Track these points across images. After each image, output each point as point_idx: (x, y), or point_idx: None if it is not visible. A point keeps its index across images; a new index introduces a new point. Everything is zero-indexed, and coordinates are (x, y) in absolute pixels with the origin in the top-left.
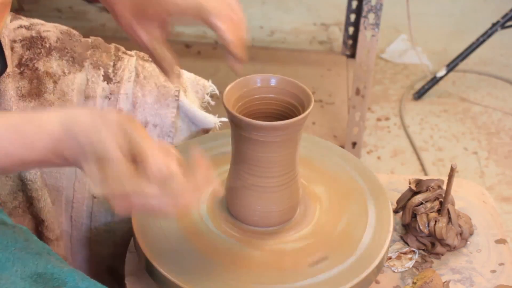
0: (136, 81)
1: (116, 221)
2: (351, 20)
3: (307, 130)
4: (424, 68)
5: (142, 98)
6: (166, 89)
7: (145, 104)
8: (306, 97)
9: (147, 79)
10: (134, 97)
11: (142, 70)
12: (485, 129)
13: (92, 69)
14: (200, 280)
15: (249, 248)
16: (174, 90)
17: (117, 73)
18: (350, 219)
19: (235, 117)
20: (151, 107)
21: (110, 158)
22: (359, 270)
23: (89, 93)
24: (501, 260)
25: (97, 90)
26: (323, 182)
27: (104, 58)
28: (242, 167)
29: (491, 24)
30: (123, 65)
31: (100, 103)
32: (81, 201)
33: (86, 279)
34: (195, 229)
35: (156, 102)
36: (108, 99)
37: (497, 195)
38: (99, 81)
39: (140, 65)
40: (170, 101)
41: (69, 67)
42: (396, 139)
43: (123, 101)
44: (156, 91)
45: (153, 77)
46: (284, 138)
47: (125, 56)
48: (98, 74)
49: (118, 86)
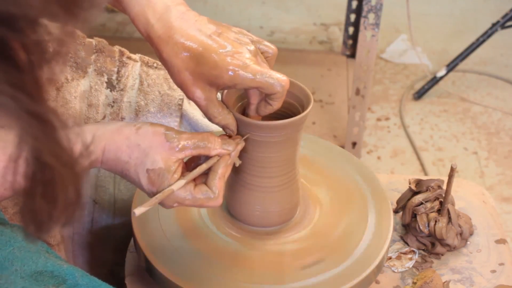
0: (139, 89)
1: (117, 226)
2: (351, 20)
3: (307, 130)
4: (424, 68)
5: (145, 107)
6: (170, 98)
7: (148, 113)
8: (306, 97)
9: (150, 87)
10: (137, 105)
11: (146, 77)
12: (485, 129)
13: (96, 75)
14: (199, 280)
15: (248, 248)
16: (177, 99)
17: (120, 80)
18: (350, 220)
19: (237, 116)
20: (154, 116)
21: None
22: (359, 270)
23: (91, 101)
24: (501, 260)
25: (100, 98)
26: (323, 182)
27: (108, 64)
28: (242, 167)
29: (491, 24)
30: (127, 72)
31: (103, 110)
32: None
33: (86, 276)
34: (195, 229)
35: (159, 111)
36: (111, 107)
37: (497, 195)
38: (102, 89)
39: (144, 72)
40: (173, 110)
41: (72, 73)
42: (396, 139)
43: (126, 109)
44: (159, 100)
45: (157, 85)
46: (284, 137)
47: (130, 62)
48: (102, 81)
49: (121, 94)
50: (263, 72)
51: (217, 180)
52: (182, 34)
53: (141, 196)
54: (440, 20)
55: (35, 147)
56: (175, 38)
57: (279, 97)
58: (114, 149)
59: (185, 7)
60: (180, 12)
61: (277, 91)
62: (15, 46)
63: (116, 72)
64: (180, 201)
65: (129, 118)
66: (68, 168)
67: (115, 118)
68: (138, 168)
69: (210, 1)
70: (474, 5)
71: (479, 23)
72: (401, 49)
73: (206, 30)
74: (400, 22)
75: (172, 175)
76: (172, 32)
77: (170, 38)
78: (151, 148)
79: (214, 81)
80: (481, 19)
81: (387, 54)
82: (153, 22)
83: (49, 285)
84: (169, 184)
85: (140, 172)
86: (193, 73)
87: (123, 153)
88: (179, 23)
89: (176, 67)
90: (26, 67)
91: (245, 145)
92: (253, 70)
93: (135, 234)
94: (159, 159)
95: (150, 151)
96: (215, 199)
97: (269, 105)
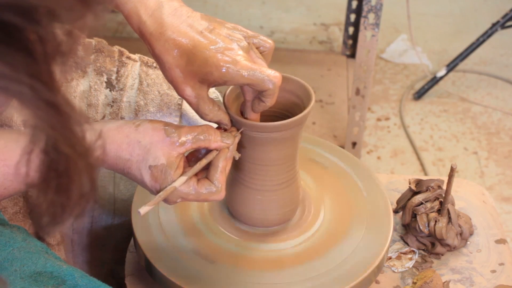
0: (139, 89)
1: (117, 225)
2: (351, 20)
3: (307, 130)
4: (424, 68)
5: (145, 107)
6: (169, 97)
7: (147, 113)
8: (307, 95)
9: (150, 87)
10: (136, 105)
11: (146, 77)
12: (485, 129)
13: (95, 75)
14: (199, 280)
15: (248, 248)
16: (177, 99)
17: (120, 80)
18: (350, 220)
19: (234, 117)
20: (153, 115)
21: None
22: (359, 270)
23: (91, 100)
24: (501, 260)
25: (100, 98)
26: (323, 182)
27: (108, 64)
28: (242, 166)
29: (491, 24)
30: (127, 72)
31: (102, 110)
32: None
33: (85, 276)
34: (195, 229)
35: (158, 110)
36: (111, 107)
37: (497, 195)
38: (101, 88)
39: (144, 72)
40: (172, 109)
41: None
42: (396, 139)
43: (126, 109)
44: (159, 99)
45: (156, 84)
46: (283, 136)
47: (129, 62)
48: (101, 80)
49: (121, 93)
50: (254, 69)
51: (219, 174)
52: (173, 30)
53: (141, 196)
54: (440, 20)
55: (51, 136)
56: (167, 34)
57: (270, 94)
58: (114, 148)
59: (178, 3)
60: (173, 8)
61: (268, 88)
62: (32, 37)
63: (116, 72)
64: (183, 196)
65: (128, 117)
66: (83, 158)
67: (115, 117)
68: (140, 165)
69: (210, 1)
70: (474, 5)
71: (479, 23)
72: (401, 49)
73: (197, 26)
74: (400, 22)
75: (174, 171)
76: (164, 29)
77: (162, 35)
78: (151, 144)
79: (204, 78)
80: (481, 19)
81: (387, 54)
82: (145, 18)
83: (48, 286)
84: (172, 180)
85: (142, 169)
86: (183, 70)
87: (124, 151)
88: (171, 19)
89: (167, 63)
90: (42, 58)
91: (245, 144)
92: (243, 67)
93: (135, 234)
94: (160, 155)
95: (151, 147)
96: (218, 192)
97: (262, 102)
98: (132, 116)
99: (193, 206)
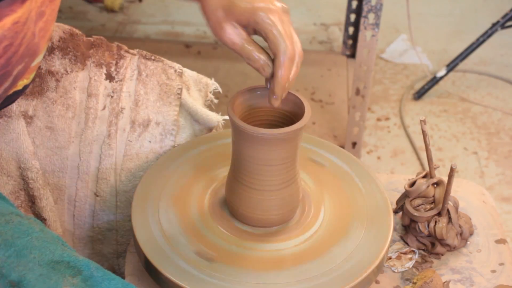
0: (138, 79)
1: (119, 220)
2: (351, 20)
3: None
4: (424, 68)
5: (145, 96)
6: (169, 87)
7: (147, 102)
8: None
9: (149, 77)
10: (136, 95)
11: (145, 68)
12: (485, 129)
13: (95, 67)
14: (199, 280)
15: (248, 248)
16: (176, 88)
17: (119, 71)
18: (350, 220)
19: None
20: (153, 104)
21: None
22: (359, 270)
23: (91, 91)
24: (501, 260)
25: (100, 88)
26: (323, 182)
27: (107, 57)
28: (242, 166)
29: (491, 24)
30: (126, 64)
31: (103, 101)
32: (83, 200)
33: (100, 269)
34: (195, 229)
35: (158, 99)
36: (111, 97)
37: (497, 195)
38: (101, 80)
39: (143, 63)
40: (172, 99)
41: (71, 65)
42: (396, 139)
43: (126, 99)
44: (158, 89)
45: (155, 75)
46: (285, 138)
47: (128, 55)
48: (101, 72)
49: (120, 84)
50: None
51: None
52: None
53: (141, 196)
54: (440, 20)
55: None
56: None
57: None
58: None
59: None
60: None
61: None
62: None
63: (115, 64)
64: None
65: (129, 108)
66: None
67: (115, 108)
68: None
69: None
70: (474, 5)
71: (479, 23)
72: (401, 49)
73: None
74: (400, 22)
75: None
76: None
77: None
78: None
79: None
80: (481, 19)
81: (387, 54)
82: None
83: (65, 274)
84: None
85: None
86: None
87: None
88: None
89: (212, 5)
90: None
91: (245, 145)
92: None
93: (135, 233)
94: None
95: None
96: None
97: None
98: (133, 106)
99: (193, 206)
